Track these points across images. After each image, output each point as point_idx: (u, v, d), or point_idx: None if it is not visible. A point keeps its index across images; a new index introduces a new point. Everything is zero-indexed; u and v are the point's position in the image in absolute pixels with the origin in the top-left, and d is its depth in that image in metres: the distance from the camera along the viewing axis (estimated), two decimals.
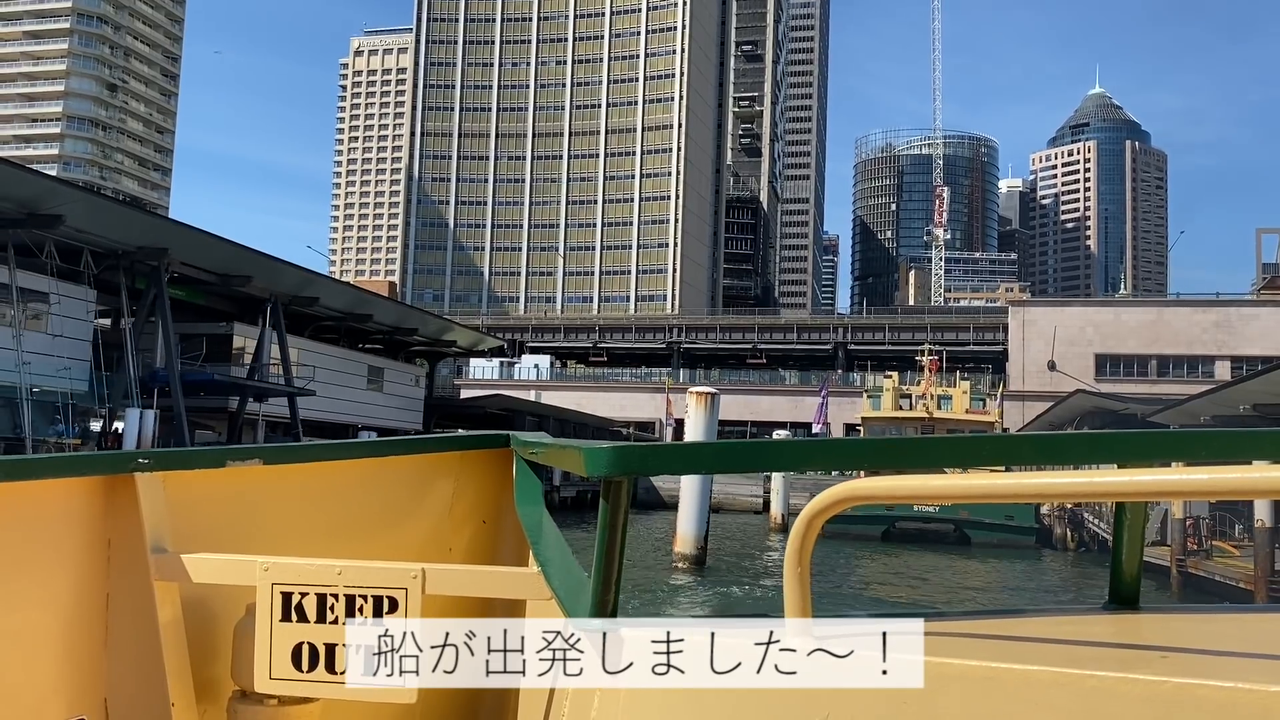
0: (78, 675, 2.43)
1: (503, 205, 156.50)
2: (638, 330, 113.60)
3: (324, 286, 52.01)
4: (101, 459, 2.48)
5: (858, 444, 1.70)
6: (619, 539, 1.85)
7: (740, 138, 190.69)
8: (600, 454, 1.81)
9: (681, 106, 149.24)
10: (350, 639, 2.16)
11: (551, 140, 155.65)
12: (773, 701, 1.57)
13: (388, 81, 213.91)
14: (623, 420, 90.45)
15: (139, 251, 40.18)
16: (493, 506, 2.96)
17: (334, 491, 2.80)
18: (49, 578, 2.40)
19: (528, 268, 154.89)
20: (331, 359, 54.83)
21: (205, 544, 2.45)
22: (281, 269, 47.82)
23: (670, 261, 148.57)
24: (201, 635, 2.48)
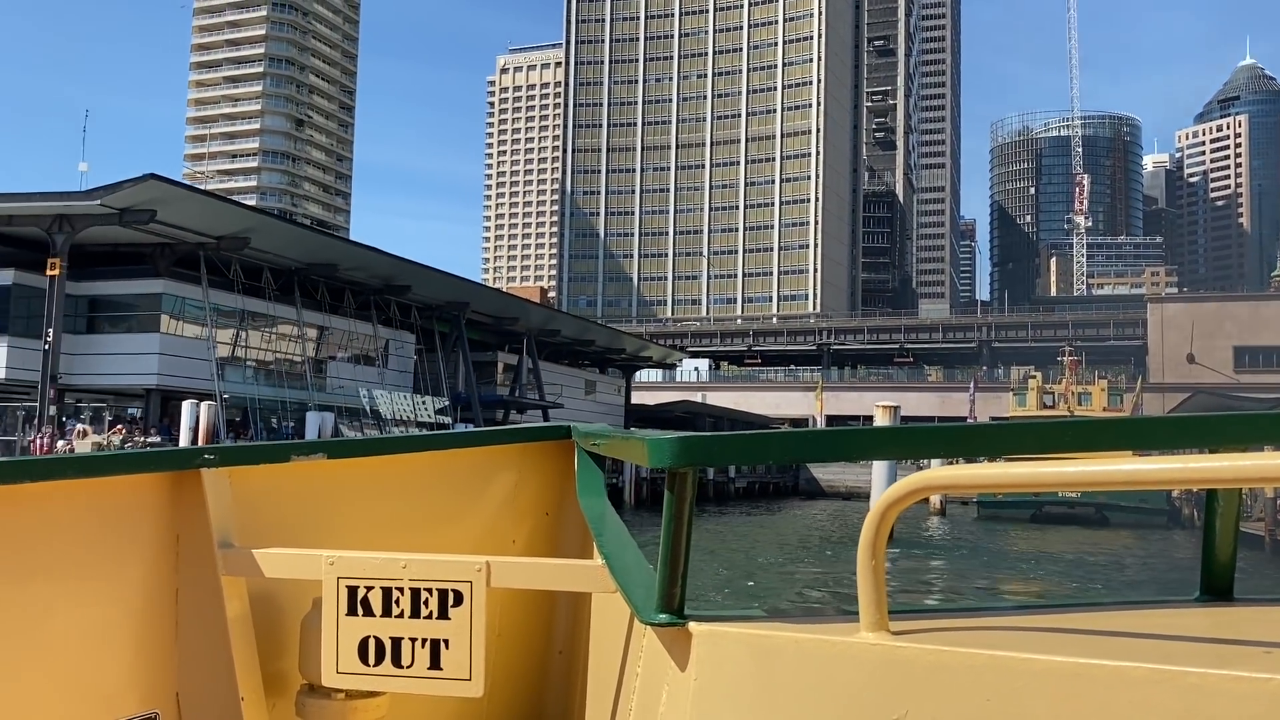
0: (150, 669, 2.49)
1: (649, 214, 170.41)
2: (789, 334, 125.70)
3: (563, 321, 66.81)
4: (169, 455, 2.57)
5: (932, 432, 1.68)
6: (685, 532, 1.85)
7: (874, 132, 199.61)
8: (664, 445, 1.82)
9: (819, 112, 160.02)
10: (417, 633, 2.25)
11: (694, 150, 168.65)
12: (846, 700, 1.56)
13: (533, 96, 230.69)
14: (777, 417, 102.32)
15: (447, 305, 55.08)
16: (555, 499, 3.00)
17: (397, 485, 2.85)
18: (120, 573, 2.46)
19: (674, 273, 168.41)
20: (563, 375, 69.39)
21: (271, 539, 2.52)
22: (532, 309, 62.64)
23: (811, 262, 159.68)
24: (269, 629, 2.56)
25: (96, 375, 41.87)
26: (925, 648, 1.51)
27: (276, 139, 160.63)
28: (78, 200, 37.21)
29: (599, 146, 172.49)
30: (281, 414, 45.06)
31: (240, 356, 45.57)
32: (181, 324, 42.90)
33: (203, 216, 39.88)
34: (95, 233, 38.69)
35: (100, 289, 42.16)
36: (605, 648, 2.44)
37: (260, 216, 46.30)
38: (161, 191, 37.24)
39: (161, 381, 41.64)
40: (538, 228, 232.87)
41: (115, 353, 41.81)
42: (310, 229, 44.45)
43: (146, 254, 41.52)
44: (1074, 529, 47.29)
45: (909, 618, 1.69)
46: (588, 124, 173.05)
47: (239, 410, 43.49)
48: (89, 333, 42.50)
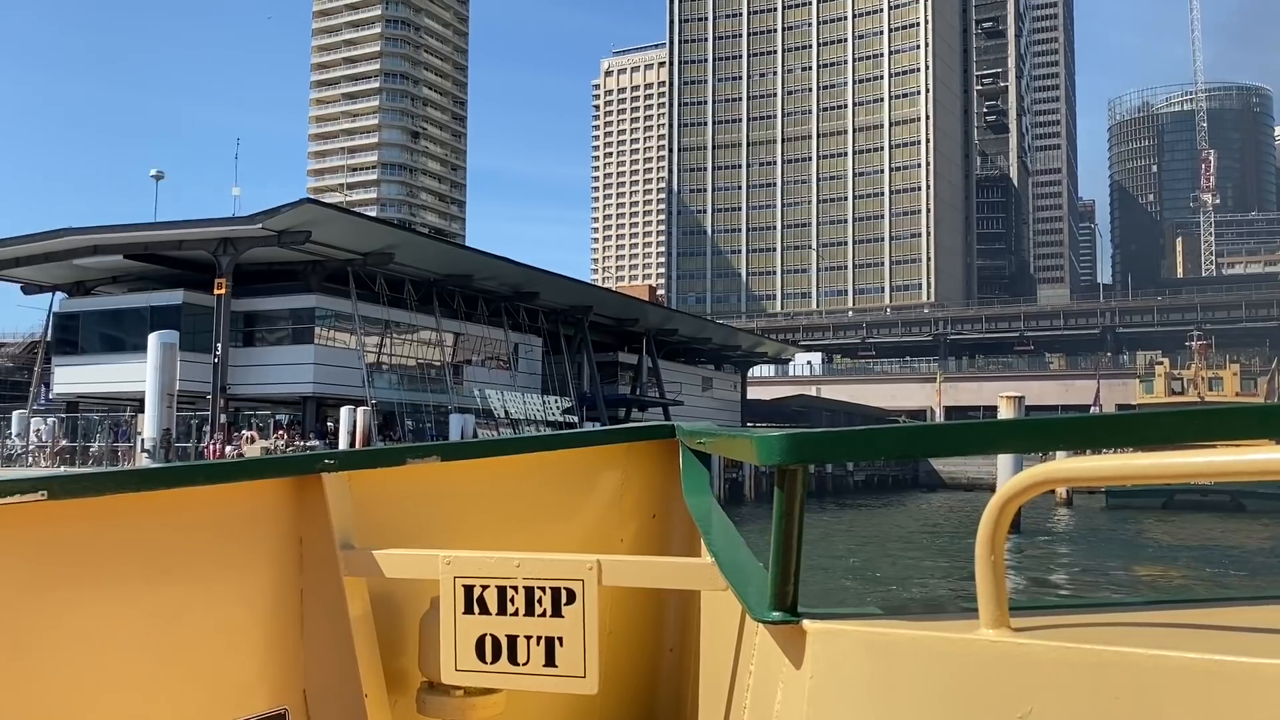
0: (278, 667, 2.59)
1: (756, 209, 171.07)
2: (903, 325, 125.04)
3: (681, 320, 68.76)
4: (292, 461, 2.66)
5: (1052, 423, 1.60)
6: (796, 529, 1.83)
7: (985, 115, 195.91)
8: (773, 442, 1.80)
9: (928, 99, 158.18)
10: (531, 630, 2.29)
11: (800, 144, 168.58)
12: (966, 699, 1.52)
13: (637, 97, 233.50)
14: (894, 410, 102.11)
15: (571, 309, 57.50)
16: (660, 497, 3.03)
17: (507, 485, 2.92)
18: (248, 575, 2.57)
19: (782, 266, 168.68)
20: (681, 373, 71.27)
21: (388, 539, 2.59)
22: (650, 310, 64.66)
23: (924, 250, 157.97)
24: (389, 628, 2.63)
25: (258, 385, 45.47)
26: (1049, 644, 1.47)
27: (394, 151, 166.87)
28: (241, 225, 40.67)
29: (704, 144, 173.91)
30: (424, 417, 48.04)
31: (386, 363, 48.75)
32: (333, 335, 46.25)
33: (351, 235, 43.02)
34: (254, 253, 42.14)
35: (258, 305, 45.73)
36: (716, 645, 2.49)
37: (402, 233, 49.47)
38: (315, 214, 40.45)
39: (317, 389, 44.98)
40: (645, 227, 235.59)
41: (274, 364, 45.35)
42: (448, 243, 47.34)
43: (299, 271, 44.85)
44: (1208, 517, 45.51)
45: (1031, 613, 1.66)
46: (692, 122, 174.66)
47: (385, 414, 46.55)
48: (248, 346, 46.14)
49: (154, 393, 34.42)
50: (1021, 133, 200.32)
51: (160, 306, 44.69)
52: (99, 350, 46.87)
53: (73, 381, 47.72)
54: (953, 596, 20.19)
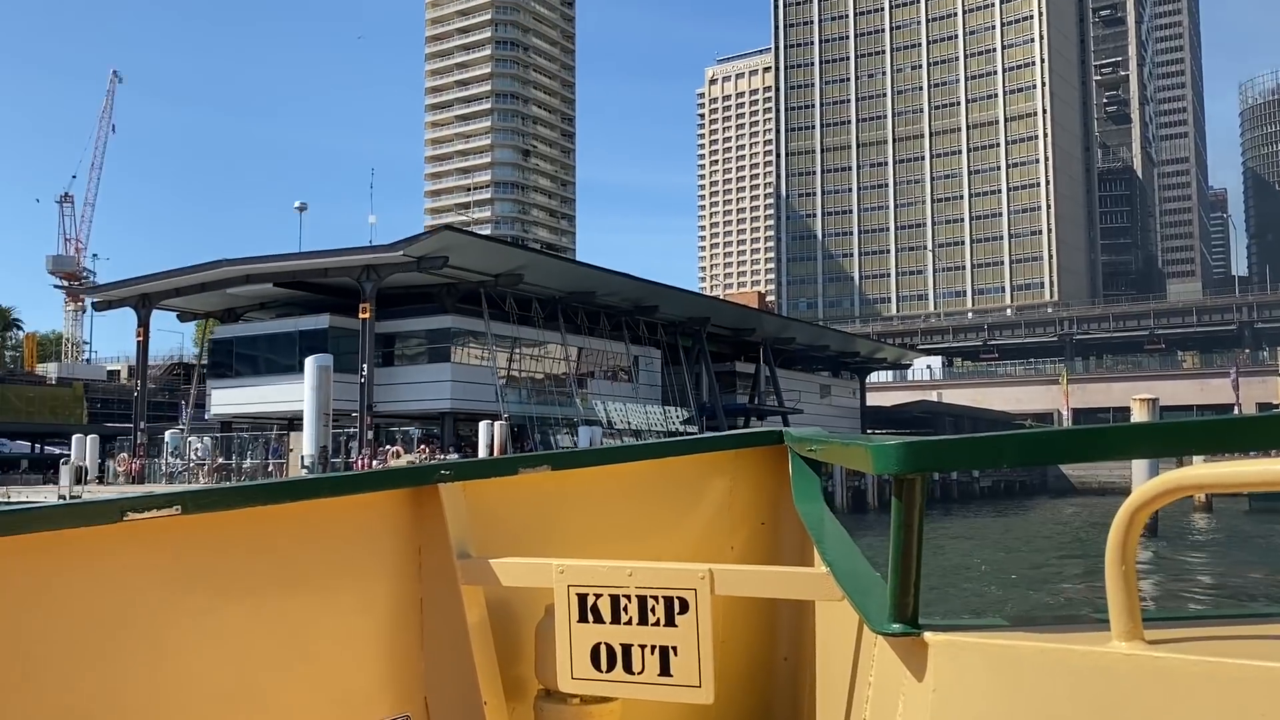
0: (400, 675, 2.66)
1: (868, 211, 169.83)
2: (1026, 325, 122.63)
3: (798, 328, 69.59)
4: (410, 472, 2.73)
5: (1187, 426, 1.53)
6: (916, 539, 1.79)
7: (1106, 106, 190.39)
8: (889, 451, 1.76)
9: (1044, 92, 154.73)
10: (645, 639, 2.30)
11: (912, 143, 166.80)
12: (1097, 715, 1.46)
13: (742, 104, 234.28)
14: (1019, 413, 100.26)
15: (689, 321, 58.96)
16: (769, 504, 3.01)
17: (617, 494, 2.95)
18: (371, 584, 2.65)
19: (897, 269, 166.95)
20: (799, 381, 71.97)
21: (502, 548, 2.67)
22: (767, 319, 65.60)
23: (1045, 248, 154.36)
24: (506, 636, 2.68)
25: (399, 402, 48.23)
26: (1187, 658, 1.39)
27: (506, 170, 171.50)
28: (383, 252, 43.41)
29: (813, 148, 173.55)
30: (553, 429, 50.11)
31: (516, 379, 51.05)
32: (467, 353, 48.75)
33: (483, 258, 45.42)
34: (394, 278, 44.86)
35: (397, 326, 48.52)
36: (833, 656, 2.47)
37: (531, 254, 51.81)
38: (452, 240, 42.94)
39: (454, 405, 47.49)
40: (752, 233, 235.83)
41: (414, 381, 48.07)
42: (573, 262, 49.43)
43: (435, 294, 47.46)
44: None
45: (1167, 625, 1.59)
46: (800, 126, 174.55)
47: (517, 427, 48.77)
48: (387, 365, 48.94)
49: (311, 412, 37.15)
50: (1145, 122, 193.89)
51: (308, 330, 47.91)
52: (252, 373, 50.40)
53: (227, 402, 51.43)
54: (1082, 607, 19.73)
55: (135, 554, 2.31)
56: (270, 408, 49.20)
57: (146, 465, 49.24)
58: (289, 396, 47.01)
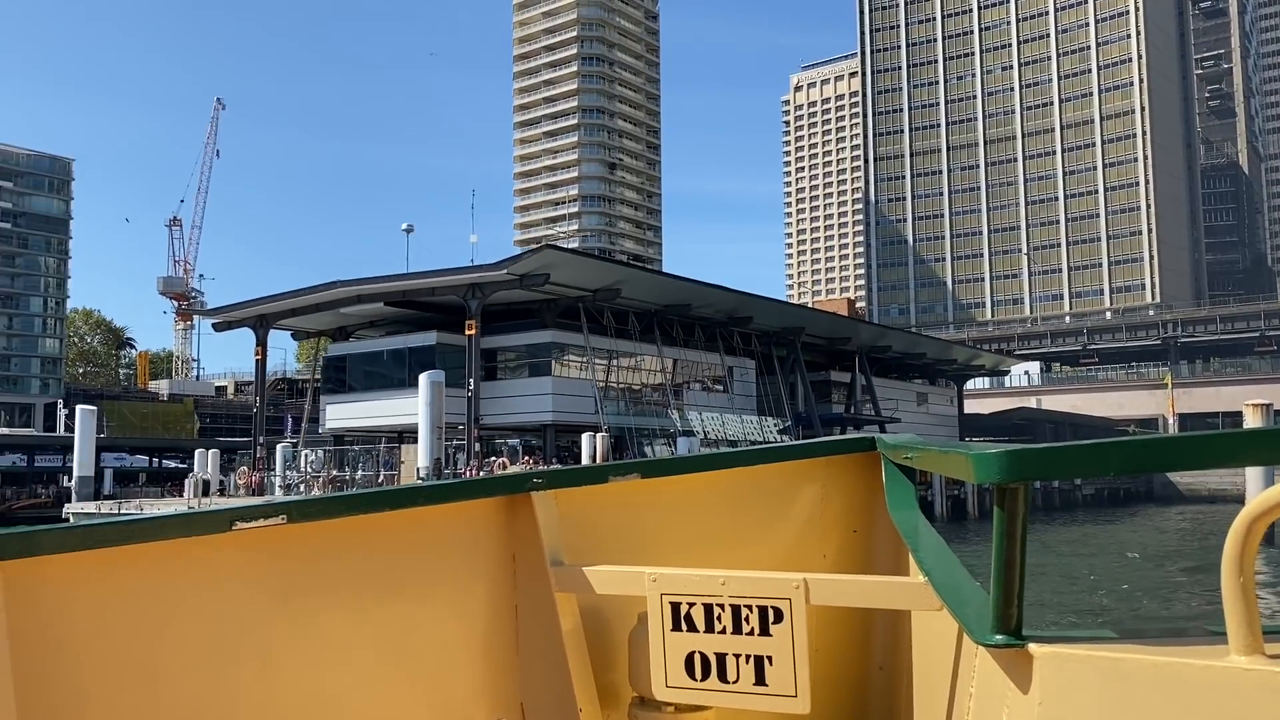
0: (496, 680, 2.71)
1: (960, 215, 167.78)
2: (1127, 329, 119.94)
3: (894, 336, 69.73)
4: (503, 481, 2.77)
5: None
6: (1019, 549, 1.75)
7: (1208, 101, 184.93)
8: (991, 459, 1.71)
9: (1142, 89, 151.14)
10: (740, 649, 2.30)
11: (1004, 145, 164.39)
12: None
13: (828, 110, 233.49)
14: (1121, 419, 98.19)
15: (783, 331, 59.71)
16: (862, 512, 2.98)
17: (707, 502, 2.96)
18: (467, 590, 2.71)
19: (991, 273, 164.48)
20: (894, 389, 72.03)
21: (594, 556, 2.69)
22: (861, 327, 65.93)
23: (1145, 248, 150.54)
24: (600, 643, 2.71)
25: (502, 415, 50.05)
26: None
27: (593, 184, 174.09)
28: (488, 271, 45.29)
29: (901, 152, 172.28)
30: (650, 439, 51.36)
31: (614, 391, 52.48)
32: (567, 367, 50.37)
33: (583, 274, 47.00)
34: (495, 295, 46.70)
35: (500, 342, 50.39)
36: (930, 666, 2.45)
37: (628, 269, 53.29)
38: (554, 258, 44.62)
39: (555, 417, 49.11)
40: (840, 240, 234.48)
41: (517, 395, 49.86)
42: (669, 276, 50.62)
43: (535, 309, 49.20)
44: None
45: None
46: (888, 131, 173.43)
47: (616, 437, 50.16)
48: (490, 380, 50.83)
49: (425, 425, 39.03)
50: (1250, 116, 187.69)
51: (416, 347, 50.10)
52: (364, 388, 52.82)
53: (341, 417, 53.94)
54: (1195, 619, 19.35)
55: (244, 562, 2.42)
56: (381, 421, 51.52)
57: (264, 478, 51.95)
58: (399, 410, 49.26)
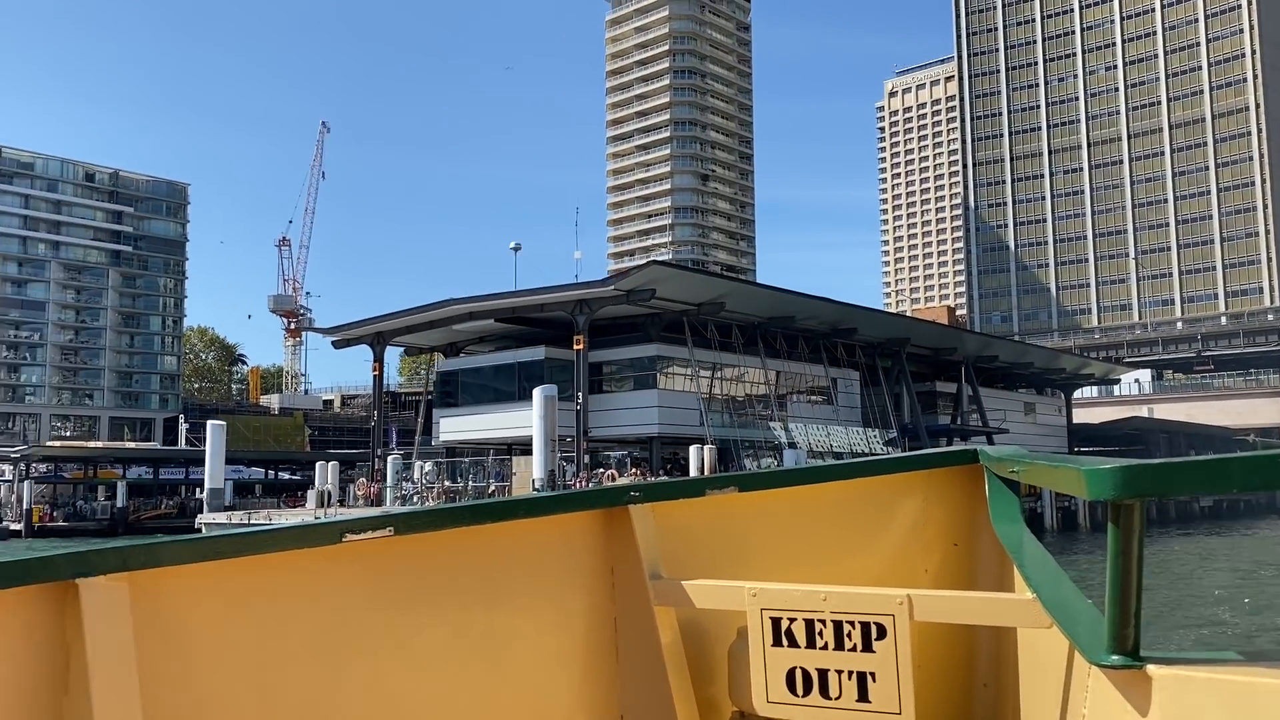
0: (596, 693, 2.72)
1: (1063, 219, 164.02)
2: (1245, 334, 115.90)
3: (1000, 346, 69.00)
4: (601, 494, 2.80)
5: None
6: (1135, 567, 1.70)
7: None
8: (1104, 475, 1.64)
9: (1256, 85, 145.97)
10: (842, 665, 2.28)
11: (1109, 147, 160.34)
12: None
13: (924, 115, 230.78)
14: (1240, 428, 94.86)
15: (888, 342, 59.65)
16: (964, 527, 2.93)
17: (806, 515, 2.94)
18: (566, 603, 2.73)
19: (1096, 278, 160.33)
20: (1001, 399, 71.16)
21: (691, 569, 2.69)
22: (968, 337, 65.39)
23: (1263, 250, 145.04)
24: (699, 657, 2.71)
25: (609, 427, 51.18)
26: None
27: (685, 196, 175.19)
28: (596, 288, 46.57)
29: (1001, 157, 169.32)
30: (755, 451, 51.89)
31: (718, 403, 53.19)
32: (672, 379, 51.27)
33: (688, 289, 47.93)
34: (602, 310, 47.88)
35: (606, 356, 51.57)
36: (1039, 685, 2.40)
37: (732, 283, 54.15)
38: (660, 273, 45.67)
39: (661, 429, 50.03)
40: (939, 246, 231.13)
41: (623, 408, 50.95)
42: (773, 289, 51.15)
43: (640, 324, 50.24)
44: None
45: None
46: (987, 135, 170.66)
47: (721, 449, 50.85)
48: (595, 393, 52.01)
49: (540, 438, 40.32)
50: None
51: (526, 362, 51.64)
52: (475, 402, 54.57)
53: (453, 429, 55.78)
54: None
55: (353, 573, 2.48)
56: (491, 434, 53.16)
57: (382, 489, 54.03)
58: (509, 423, 50.83)
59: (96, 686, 2.05)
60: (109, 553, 2.16)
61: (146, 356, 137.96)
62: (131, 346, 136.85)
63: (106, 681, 2.06)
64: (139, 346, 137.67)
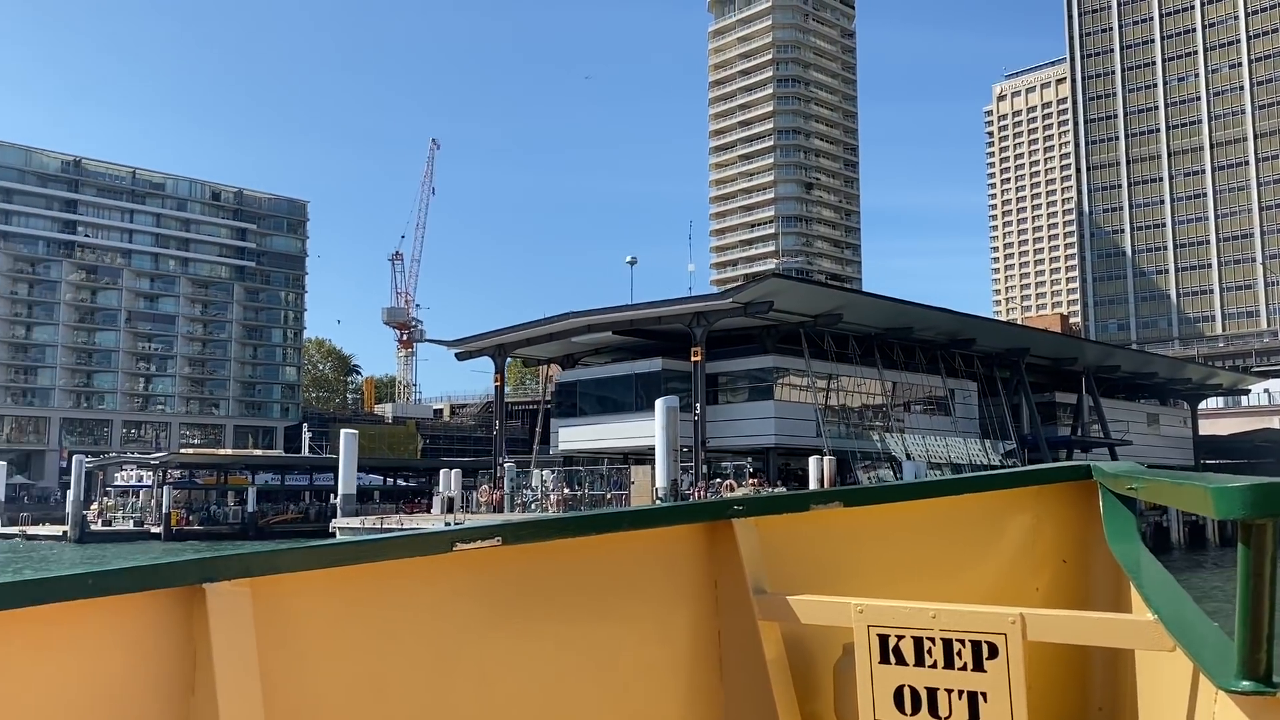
0: (699, 706, 2.71)
1: (1184, 223, 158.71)
2: None
3: (1122, 355, 67.62)
4: (705, 507, 2.81)
5: None
6: (1268, 589, 1.64)
7: None
8: (1233, 494, 1.58)
9: None
10: (952, 684, 2.25)
11: (1233, 148, 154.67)
12: None
13: (1034, 119, 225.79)
14: None
15: (1006, 352, 59.05)
16: (1075, 544, 2.86)
17: (912, 531, 2.91)
18: (670, 615, 2.74)
19: (1220, 284, 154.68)
20: (1122, 410, 69.60)
21: (795, 584, 2.69)
22: (1088, 347, 64.26)
23: None
24: (804, 673, 2.70)
25: (725, 438, 51.91)
26: None
27: (789, 204, 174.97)
28: (714, 300, 47.49)
29: (1117, 160, 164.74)
30: (873, 462, 51.98)
31: (834, 414, 53.48)
32: (788, 391, 51.78)
33: (805, 300, 48.43)
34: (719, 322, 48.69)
35: (722, 367, 52.34)
36: (1159, 710, 2.36)
37: (850, 295, 54.41)
38: (778, 286, 46.35)
39: (778, 440, 50.56)
40: (1050, 253, 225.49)
41: (739, 419, 51.63)
42: (891, 300, 51.26)
43: (756, 335, 50.90)
44: None
45: None
46: (1102, 139, 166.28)
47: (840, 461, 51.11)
48: (711, 404, 52.79)
49: (662, 448, 41.29)
50: None
51: (643, 373, 52.79)
52: (593, 412, 55.95)
53: (571, 439, 57.26)
54: None
55: (463, 581, 2.53)
56: (609, 443, 54.42)
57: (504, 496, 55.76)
58: (626, 433, 52.01)
59: (221, 687, 2.15)
60: (233, 559, 2.28)
61: (268, 367, 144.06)
62: (254, 358, 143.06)
63: (231, 682, 2.16)
64: (261, 358, 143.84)
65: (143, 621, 2.17)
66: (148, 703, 2.14)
